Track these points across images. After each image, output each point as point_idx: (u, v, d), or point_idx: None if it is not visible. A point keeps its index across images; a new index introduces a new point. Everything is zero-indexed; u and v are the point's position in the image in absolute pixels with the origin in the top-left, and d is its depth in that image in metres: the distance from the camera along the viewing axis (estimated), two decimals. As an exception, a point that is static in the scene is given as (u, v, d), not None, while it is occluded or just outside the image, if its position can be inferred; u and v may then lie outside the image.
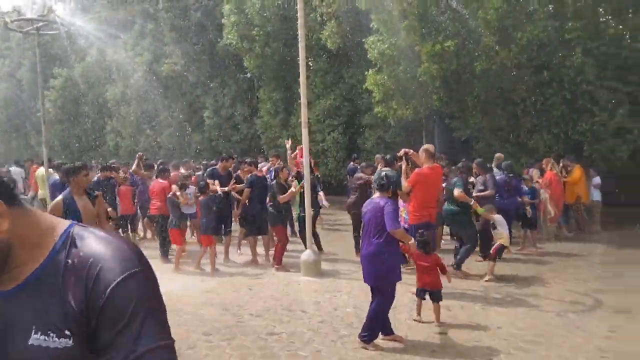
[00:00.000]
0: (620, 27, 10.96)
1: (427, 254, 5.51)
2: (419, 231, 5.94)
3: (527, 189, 9.42)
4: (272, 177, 9.20)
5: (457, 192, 7.27)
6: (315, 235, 8.71)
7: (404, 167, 7.01)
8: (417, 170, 6.79)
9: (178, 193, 8.36)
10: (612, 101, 11.53)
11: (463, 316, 5.78)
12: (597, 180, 11.02)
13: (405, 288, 6.05)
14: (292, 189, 8.09)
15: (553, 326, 5.39)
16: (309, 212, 7.77)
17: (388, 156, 8.17)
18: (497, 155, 10.22)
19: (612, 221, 11.28)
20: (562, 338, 5.04)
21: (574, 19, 11.32)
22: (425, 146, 6.97)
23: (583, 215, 11.31)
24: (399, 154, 7.22)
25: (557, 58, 11.89)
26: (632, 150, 11.66)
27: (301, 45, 7.38)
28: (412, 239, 5.24)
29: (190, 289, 7.10)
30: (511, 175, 9.19)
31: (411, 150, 7.03)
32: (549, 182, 9.78)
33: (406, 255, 6.54)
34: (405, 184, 6.81)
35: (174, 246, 8.74)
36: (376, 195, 5.06)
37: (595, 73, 11.49)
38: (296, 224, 9.47)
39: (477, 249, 8.08)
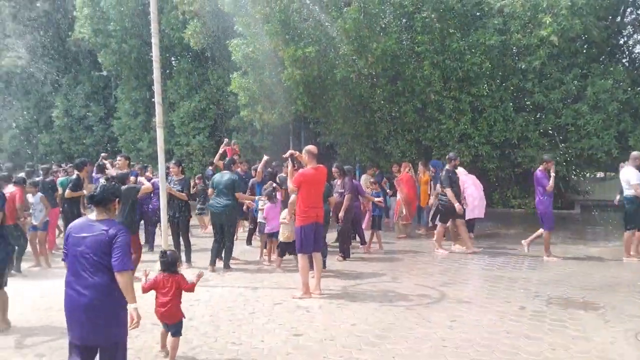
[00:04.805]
0: (462, 42, 12.08)
1: (172, 274, 4.56)
2: (160, 251, 4.96)
3: (374, 192, 9.92)
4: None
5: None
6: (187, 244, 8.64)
7: (289, 168, 6.98)
8: (300, 170, 6.74)
9: None
10: (456, 110, 12.70)
11: (320, 316, 5.84)
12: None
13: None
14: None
15: (402, 319, 5.66)
16: (164, 215, 7.34)
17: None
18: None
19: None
20: (409, 330, 5.31)
21: (422, 33, 12.24)
22: (308, 147, 6.90)
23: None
24: (284, 155, 7.19)
25: (409, 69, 12.76)
26: (473, 155, 12.94)
27: (154, 40, 6.97)
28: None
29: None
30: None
31: (297, 152, 6.99)
32: (401, 183, 10.42)
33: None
34: (290, 185, 6.77)
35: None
36: (93, 215, 3.59)
37: (442, 84, 12.56)
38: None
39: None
